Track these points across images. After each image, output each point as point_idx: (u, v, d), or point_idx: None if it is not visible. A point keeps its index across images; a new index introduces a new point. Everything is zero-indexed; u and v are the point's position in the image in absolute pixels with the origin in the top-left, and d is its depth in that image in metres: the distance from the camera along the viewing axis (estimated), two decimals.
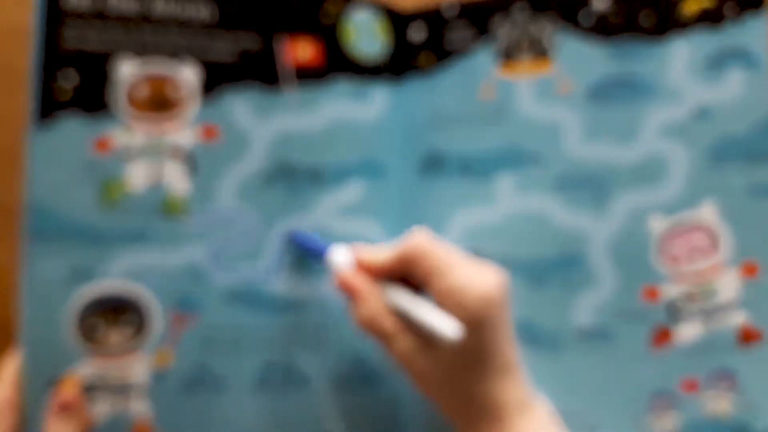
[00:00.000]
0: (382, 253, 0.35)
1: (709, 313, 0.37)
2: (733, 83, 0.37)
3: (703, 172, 0.37)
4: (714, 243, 0.37)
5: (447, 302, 0.32)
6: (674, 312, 0.37)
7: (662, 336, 0.37)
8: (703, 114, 0.37)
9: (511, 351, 0.33)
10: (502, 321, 0.33)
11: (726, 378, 0.37)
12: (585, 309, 0.38)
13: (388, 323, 0.33)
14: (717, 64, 0.37)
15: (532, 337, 0.38)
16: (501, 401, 0.32)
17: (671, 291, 0.37)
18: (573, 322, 0.38)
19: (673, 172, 0.37)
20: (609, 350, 0.38)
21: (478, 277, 0.32)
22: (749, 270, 0.37)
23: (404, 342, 0.33)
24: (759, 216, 0.37)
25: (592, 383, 0.38)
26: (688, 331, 0.37)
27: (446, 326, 0.31)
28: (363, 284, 0.35)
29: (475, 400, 0.33)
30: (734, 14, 0.37)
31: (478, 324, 0.31)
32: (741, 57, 0.37)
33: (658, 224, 0.37)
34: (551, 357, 0.38)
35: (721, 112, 0.37)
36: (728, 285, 0.37)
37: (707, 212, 0.37)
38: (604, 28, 0.38)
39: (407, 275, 0.34)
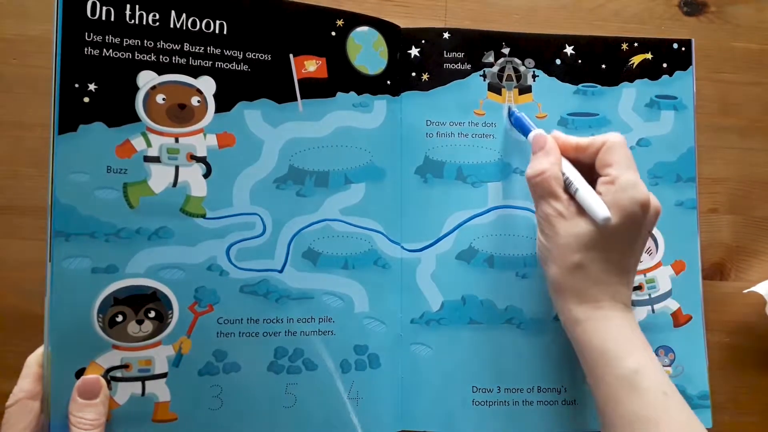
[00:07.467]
0: (575, 137, 0.41)
1: (653, 301, 0.46)
2: (667, 122, 0.47)
3: None
4: (656, 246, 0.46)
5: (612, 191, 0.37)
6: None
7: None
8: (644, 144, 0.47)
9: (635, 262, 0.39)
10: (642, 232, 0.38)
11: (667, 353, 0.45)
12: None
13: (555, 183, 0.38)
14: (655, 106, 0.47)
15: (520, 323, 0.44)
16: (610, 293, 0.38)
17: None
18: (551, 310, 0.45)
19: None
20: None
21: (644, 188, 0.38)
22: (678, 267, 0.47)
23: (560, 206, 0.38)
24: (684, 225, 0.47)
25: (567, 361, 0.45)
26: (639, 315, 0.46)
27: (602, 209, 0.36)
28: (552, 144, 0.40)
29: (591, 284, 0.38)
30: (668, 71, 0.48)
31: (625, 220, 0.37)
32: (673, 102, 0.48)
33: None
34: (535, 339, 0.45)
35: (658, 143, 0.47)
36: (665, 279, 0.46)
37: None
38: (572, 73, 0.47)
39: (585, 161, 0.40)
